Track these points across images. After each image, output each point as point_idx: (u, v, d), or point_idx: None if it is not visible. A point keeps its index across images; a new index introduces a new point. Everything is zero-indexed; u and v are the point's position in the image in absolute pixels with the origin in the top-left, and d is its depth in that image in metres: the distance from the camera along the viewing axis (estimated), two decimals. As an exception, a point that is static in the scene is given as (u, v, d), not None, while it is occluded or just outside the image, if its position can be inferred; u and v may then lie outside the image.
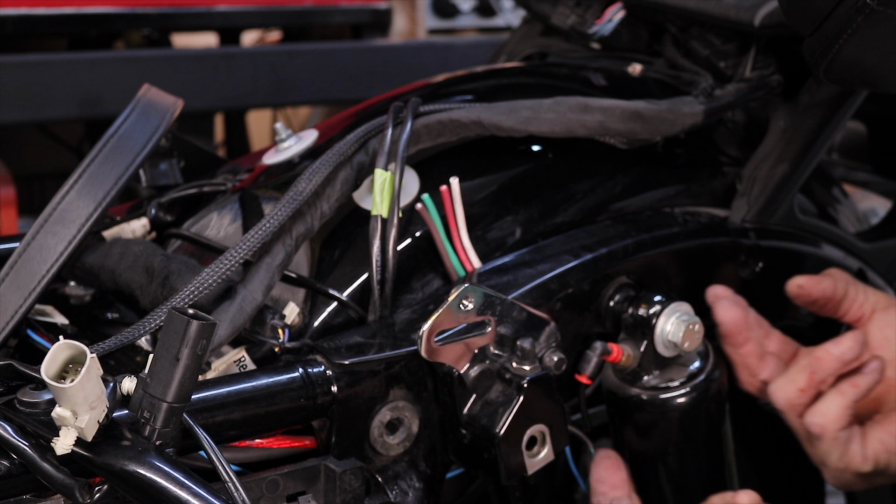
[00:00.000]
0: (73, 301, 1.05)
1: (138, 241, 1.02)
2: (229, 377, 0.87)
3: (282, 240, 0.95)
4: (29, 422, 0.74)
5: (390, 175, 0.97)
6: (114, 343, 0.89)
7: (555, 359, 0.95)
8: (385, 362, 0.92)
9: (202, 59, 2.39)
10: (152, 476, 0.72)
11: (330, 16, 2.68)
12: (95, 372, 0.70)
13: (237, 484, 0.74)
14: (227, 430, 0.85)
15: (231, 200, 1.10)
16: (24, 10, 2.32)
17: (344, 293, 0.97)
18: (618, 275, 1.04)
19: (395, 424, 0.94)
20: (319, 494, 0.88)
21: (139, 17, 2.47)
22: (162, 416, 0.73)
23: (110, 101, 2.24)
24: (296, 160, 1.09)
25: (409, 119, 1.01)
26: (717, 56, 1.21)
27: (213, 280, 0.90)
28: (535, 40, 1.42)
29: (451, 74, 1.24)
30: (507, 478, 0.94)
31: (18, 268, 0.91)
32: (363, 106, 1.20)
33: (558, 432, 0.95)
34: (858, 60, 0.97)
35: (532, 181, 1.08)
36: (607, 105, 1.07)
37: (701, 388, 1.03)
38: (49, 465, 0.72)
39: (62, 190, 0.93)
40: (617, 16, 1.26)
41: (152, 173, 1.17)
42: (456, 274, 1.00)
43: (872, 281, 1.27)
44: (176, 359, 0.73)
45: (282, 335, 0.93)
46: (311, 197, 0.96)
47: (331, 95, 2.57)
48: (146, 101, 1.03)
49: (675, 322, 1.00)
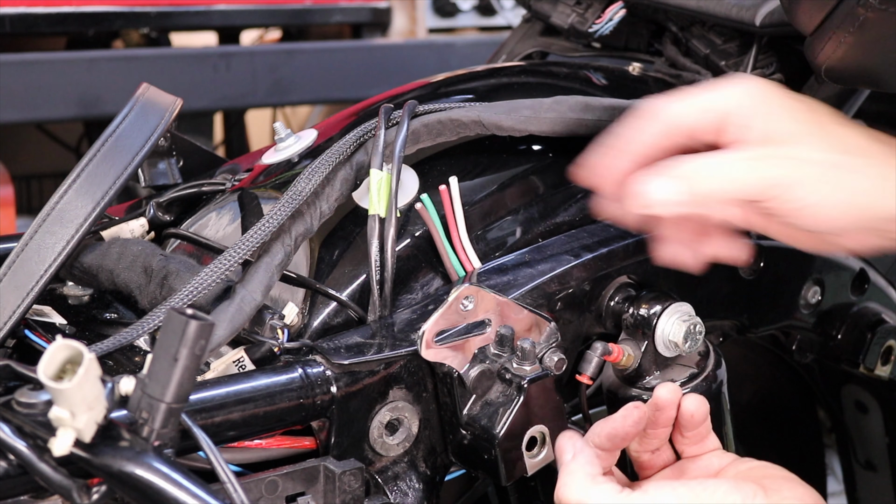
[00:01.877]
0: (72, 301, 1.05)
1: (137, 241, 1.02)
2: (228, 377, 0.87)
3: (281, 240, 0.95)
4: (27, 422, 0.73)
5: (387, 175, 0.97)
6: (112, 343, 0.89)
7: (555, 359, 0.94)
8: (384, 362, 0.91)
9: (201, 59, 2.39)
10: (151, 477, 0.72)
11: (329, 15, 2.68)
12: (94, 372, 0.70)
13: (236, 485, 0.74)
14: (225, 431, 0.85)
15: (230, 200, 1.09)
16: (23, 8, 2.32)
17: (343, 293, 0.97)
18: (618, 275, 1.04)
19: (395, 425, 0.93)
20: (319, 495, 0.88)
21: (138, 15, 2.47)
22: (160, 417, 0.73)
23: (109, 100, 2.24)
24: (295, 160, 1.09)
25: (405, 119, 1.01)
26: (718, 55, 1.20)
27: (211, 280, 0.90)
28: (535, 39, 1.41)
29: (451, 73, 1.24)
30: (507, 478, 0.93)
31: (16, 268, 0.90)
32: (363, 105, 1.19)
33: (558, 433, 0.95)
34: (860, 59, 0.97)
35: (532, 181, 1.08)
36: (608, 104, 1.06)
37: (701, 389, 1.02)
38: (47, 465, 0.72)
39: (60, 189, 0.93)
40: (617, 15, 1.25)
41: (151, 173, 1.17)
42: (456, 274, 1.00)
43: (874, 281, 1.27)
44: (174, 359, 0.72)
45: (281, 335, 0.92)
46: (310, 197, 0.96)
47: (330, 95, 2.57)
48: (145, 100, 1.03)
49: (676, 322, 1.00)
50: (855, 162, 0.88)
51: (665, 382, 0.94)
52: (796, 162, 0.88)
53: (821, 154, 0.88)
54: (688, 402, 0.94)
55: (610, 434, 0.91)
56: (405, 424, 0.94)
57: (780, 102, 0.91)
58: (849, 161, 0.88)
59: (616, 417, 0.91)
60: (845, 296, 1.25)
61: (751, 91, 0.91)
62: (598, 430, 0.92)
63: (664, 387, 0.93)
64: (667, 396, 0.93)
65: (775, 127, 0.89)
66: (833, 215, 0.88)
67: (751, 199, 0.89)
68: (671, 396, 0.93)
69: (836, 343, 1.25)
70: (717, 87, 0.92)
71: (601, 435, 0.91)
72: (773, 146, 0.89)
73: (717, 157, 0.90)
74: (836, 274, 1.24)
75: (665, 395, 0.93)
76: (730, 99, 0.91)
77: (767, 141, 0.89)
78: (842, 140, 0.89)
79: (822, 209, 0.88)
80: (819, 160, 0.88)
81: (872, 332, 1.25)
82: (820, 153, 0.89)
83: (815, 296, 1.21)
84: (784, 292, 1.20)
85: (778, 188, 0.87)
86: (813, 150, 0.88)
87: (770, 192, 0.88)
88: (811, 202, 0.87)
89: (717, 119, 0.91)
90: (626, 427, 0.91)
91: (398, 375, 0.92)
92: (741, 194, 0.89)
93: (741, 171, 0.89)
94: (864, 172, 0.88)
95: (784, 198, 0.87)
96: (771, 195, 0.88)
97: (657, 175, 0.90)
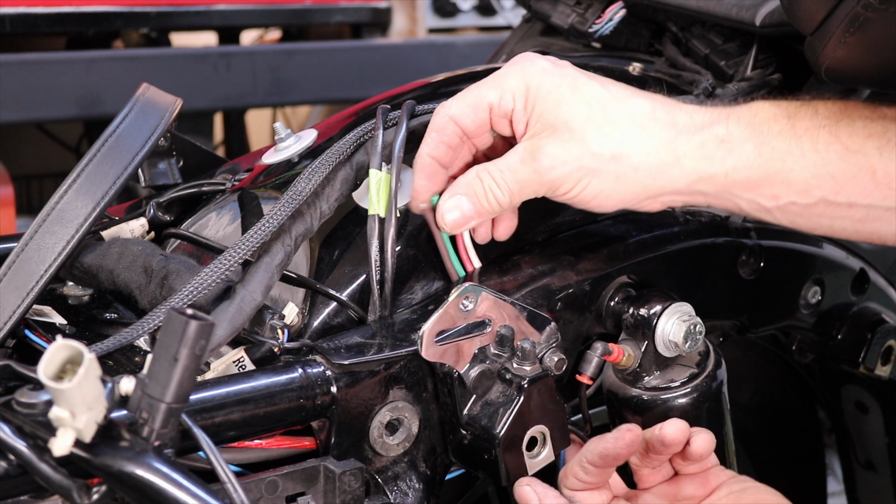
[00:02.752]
0: (72, 301, 1.05)
1: (137, 241, 1.02)
2: (228, 377, 0.87)
3: (281, 240, 0.94)
4: (27, 422, 0.73)
5: (386, 175, 0.97)
6: (112, 343, 0.89)
7: (555, 359, 0.94)
8: (385, 363, 0.91)
9: (201, 59, 2.39)
10: (151, 477, 0.72)
11: (329, 15, 2.67)
12: (94, 372, 0.70)
13: (236, 485, 0.74)
14: (225, 431, 0.85)
15: (230, 200, 1.09)
16: (23, 8, 2.32)
17: (343, 293, 0.97)
18: (618, 275, 1.04)
19: (395, 425, 0.93)
20: (319, 495, 0.88)
21: (138, 15, 2.47)
22: (160, 417, 0.73)
23: (109, 100, 2.24)
24: (295, 160, 1.09)
25: (404, 119, 1.01)
26: (718, 55, 1.20)
27: (211, 280, 0.90)
28: (535, 39, 1.41)
29: (451, 73, 1.24)
30: (508, 479, 0.93)
31: (16, 268, 0.90)
32: (363, 105, 1.19)
33: (559, 433, 0.95)
34: (860, 59, 0.97)
35: (532, 181, 1.08)
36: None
37: (702, 389, 1.02)
38: (47, 465, 0.72)
39: (60, 189, 0.93)
40: (617, 15, 1.25)
41: (151, 173, 1.17)
42: (456, 274, 1.00)
43: (874, 281, 1.27)
44: (174, 359, 0.72)
45: (281, 335, 0.92)
46: (310, 197, 0.96)
47: (330, 95, 2.57)
48: (145, 100, 1.03)
49: (676, 322, 1.00)
50: (635, 143, 0.92)
51: (674, 419, 0.94)
52: (576, 158, 0.92)
53: (600, 145, 0.92)
54: (697, 442, 0.94)
55: (602, 454, 0.92)
56: (405, 424, 0.94)
57: (565, 84, 0.93)
58: (628, 145, 0.92)
59: (609, 438, 0.92)
60: (845, 296, 1.25)
61: (529, 75, 0.94)
62: (592, 448, 0.93)
63: (673, 424, 0.93)
64: (675, 435, 0.93)
65: (557, 114, 0.92)
66: (618, 199, 0.93)
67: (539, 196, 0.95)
68: (679, 436, 0.93)
69: (836, 343, 1.25)
70: (494, 77, 0.96)
71: (594, 453, 0.92)
72: (554, 139, 0.92)
73: (498, 164, 0.94)
74: (836, 274, 1.24)
75: (673, 434, 0.93)
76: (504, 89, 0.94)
77: (552, 130, 0.92)
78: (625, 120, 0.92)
79: (608, 198, 0.93)
80: (599, 152, 0.91)
81: (872, 332, 1.25)
82: (600, 143, 0.92)
83: (815, 296, 1.21)
84: (784, 292, 1.20)
85: (563, 187, 0.93)
86: (593, 141, 0.91)
87: (556, 191, 0.93)
88: (595, 193, 0.92)
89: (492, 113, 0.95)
90: (617, 448, 0.91)
91: (398, 375, 0.92)
92: (527, 196, 0.94)
93: (523, 178, 0.93)
94: (645, 152, 0.92)
95: (571, 193, 0.93)
96: (558, 194, 0.93)
97: (447, 196, 0.95)
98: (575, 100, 0.93)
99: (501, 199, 0.94)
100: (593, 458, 0.92)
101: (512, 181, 0.93)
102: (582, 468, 0.93)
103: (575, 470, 0.94)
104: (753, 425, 1.46)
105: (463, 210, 0.94)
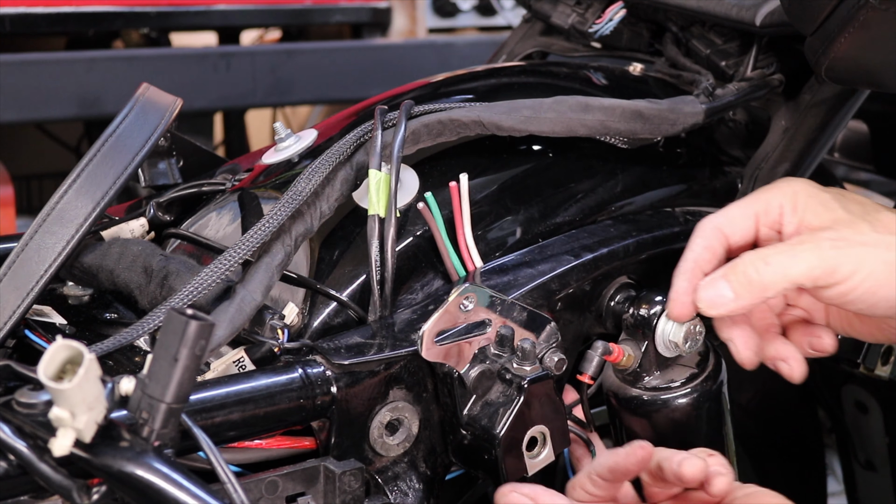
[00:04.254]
0: (72, 301, 1.05)
1: (137, 241, 1.02)
2: (228, 378, 0.87)
3: (281, 240, 0.95)
4: (27, 423, 0.73)
5: (385, 175, 0.97)
6: (112, 343, 0.89)
7: (555, 359, 0.94)
8: (385, 363, 0.91)
9: (201, 59, 2.39)
10: (151, 477, 0.72)
11: (329, 15, 2.68)
12: (94, 372, 0.70)
13: (236, 485, 0.74)
14: (226, 431, 0.85)
15: (230, 200, 1.09)
16: (22, 8, 2.32)
17: (343, 293, 0.97)
18: (619, 275, 1.04)
19: (395, 425, 0.93)
20: (319, 495, 0.88)
21: (138, 15, 2.47)
22: (160, 417, 0.73)
23: (109, 100, 2.24)
24: (295, 160, 1.09)
25: (403, 119, 1.01)
26: (719, 55, 1.20)
27: (211, 280, 0.90)
28: (535, 39, 1.41)
29: (451, 73, 1.24)
30: (508, 479, 0.93)
31: (16, 268, 0.90)
32: (363, 105, 1.19)
33: (559, 433, 0.95)
34: (860, 59, 0.97)
35: (532, 181, 1.08)
36: (608, 104, 1.06)
37: (702, 389, 1.02)
38: (47, 466, 0.72)
39: (60, 190, 0.93)
40: (618, 15, 1.25)
41: (151, 173, 1.17)
42: (456, 274, 1.00)
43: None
44: (174, 359, 0.72)
45: (281, 335, 0.92)
46: (310, 197, 0.96)
47: (330, 95, 2.57)
48: (145, 100, 1.03)
49: (676, 323, 1.00)
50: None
51: (694, 459, 0.91)
52: (851, 244, 0.88)
53: (872, 236, 0.88)
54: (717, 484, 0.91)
55: (612, 468, 0.91)
56: (405, 424, 0.94)
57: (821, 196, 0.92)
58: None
59: (620, 453, 0.91)
60: (845, 296, 1.25)
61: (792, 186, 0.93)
62: (602, 461, 0.92)
63: (693, 464, 0.90)
64: (693, 475, 0.90)
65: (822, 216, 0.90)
66: (890, 296, 0.88)
67: (809, 285, 0.89)
68: (698, 476, 0.91)
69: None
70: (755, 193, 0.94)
71: (603, 466, 0.92)
72: (823, 232, 0.89)
73: (771, 248, 0.91)
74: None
75: (691, 474, 0.90)
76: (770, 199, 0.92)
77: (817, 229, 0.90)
78: (887, 223, 0.90)
79: (880, 291, 0.88)
80: (872, 241, 0.88)
81: (872, 332, 1.25)
82: (871, 235, 0.89)
83: (816, 296, 1.21)
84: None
85: (837, 271, 0.87)
86: (863, 232, 0.88)
87: (830, 276, 0.88)
88: (869, 285, 0.87)
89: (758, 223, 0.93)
90: (627, 464, 0.91)
91: (398, 376, 0.92)
92: (800, 280, 0.89)
93: (799, 256, 0.89)
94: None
95: (843, 281, 0.87)
96: (831, 280, 0.88)
97: (712, 278, 0.92)
98: (846, 200, 0.92)
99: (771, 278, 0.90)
100: (602, 472, 0.92)
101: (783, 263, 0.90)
102: (591, 480, 0.93)
103: (583, 482, 0.94)
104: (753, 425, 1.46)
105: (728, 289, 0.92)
